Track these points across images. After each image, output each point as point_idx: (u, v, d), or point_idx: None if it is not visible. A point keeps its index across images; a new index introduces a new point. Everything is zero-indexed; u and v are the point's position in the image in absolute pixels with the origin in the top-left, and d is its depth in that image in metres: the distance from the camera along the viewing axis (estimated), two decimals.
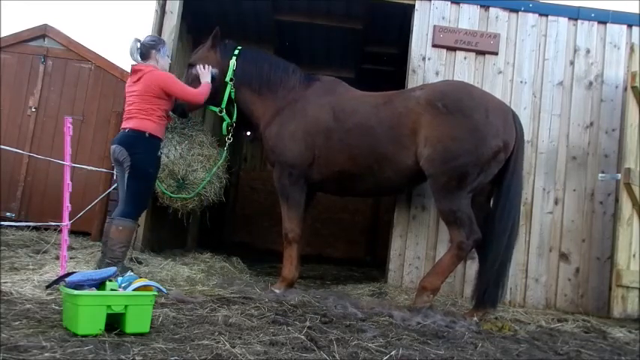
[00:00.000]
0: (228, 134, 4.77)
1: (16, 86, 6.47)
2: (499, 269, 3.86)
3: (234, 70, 4.66)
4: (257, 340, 2.61)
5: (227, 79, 4.67)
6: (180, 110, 4.69)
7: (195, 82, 4.59)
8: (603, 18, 5.23)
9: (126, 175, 4.18)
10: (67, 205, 3.72)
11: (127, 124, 4.21)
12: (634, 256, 4.64)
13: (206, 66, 4.61)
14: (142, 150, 4.16)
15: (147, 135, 4.17)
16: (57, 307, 2.92)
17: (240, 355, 2.31)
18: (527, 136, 4.94)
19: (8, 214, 6.22)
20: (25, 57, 6.52)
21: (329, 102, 4.45)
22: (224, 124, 4.77)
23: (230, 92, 4.68)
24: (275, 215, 8.24)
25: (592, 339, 3.58)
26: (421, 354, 2.69)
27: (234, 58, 4.70)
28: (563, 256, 4.97)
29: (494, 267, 3.84)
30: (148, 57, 4.38)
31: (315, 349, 2.56)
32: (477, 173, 3.90)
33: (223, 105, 4.69)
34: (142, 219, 4.98)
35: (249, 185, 10.11)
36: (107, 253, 4.10)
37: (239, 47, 4.79)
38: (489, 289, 3.83)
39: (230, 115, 4.76)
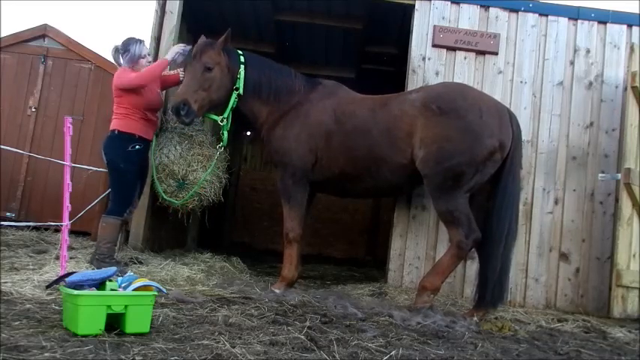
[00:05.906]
0: (227, 143, 4.75)
1: (16, 86, 6.46)
2: (501, 270, 3.87)
3: (244, 80, 4.49)
4: (257, 340, 2.61)
5: (240, 88, 4.48)
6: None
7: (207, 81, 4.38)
8: (603, 18, 5.23)
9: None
10: (67, 205, 3.73)
11: None
12: (634, 256, 4.63)
13: (182, 47, 4.55)
14: (111, 148, 4.40)
15: (116, 132, 4.41)
16: (57, 307, 2.92)
17: (240, 355, 2.31)
18: (527, 136, 4.95)
19: (8, 214, 6.22)
20: (25, 57, 6.52)
21: (331, 105, 4.48)
22: (225, 134, 4.65)
23: (234, 101, 4.54)
24: (275, 215, 8.25)
25: (592, 339, 3.58)
26: (421, 354, 2.69)
27: (242, 66, 4.50)
28: (563, 256, 4.97)
29: (495, 268, 3.84)
30: (118, 61, 4.65)
31: (315, 349, 2.56)
32: (472, 173, 3.90)
33: (226, 114, 4.54)
34: (142, 218, 4.99)
35: (249, 185, 10.10)
36: (96, 249, 4.35)
37: (240, 52, 4.59)
38: (494, 290, 3.83)
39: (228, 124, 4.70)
